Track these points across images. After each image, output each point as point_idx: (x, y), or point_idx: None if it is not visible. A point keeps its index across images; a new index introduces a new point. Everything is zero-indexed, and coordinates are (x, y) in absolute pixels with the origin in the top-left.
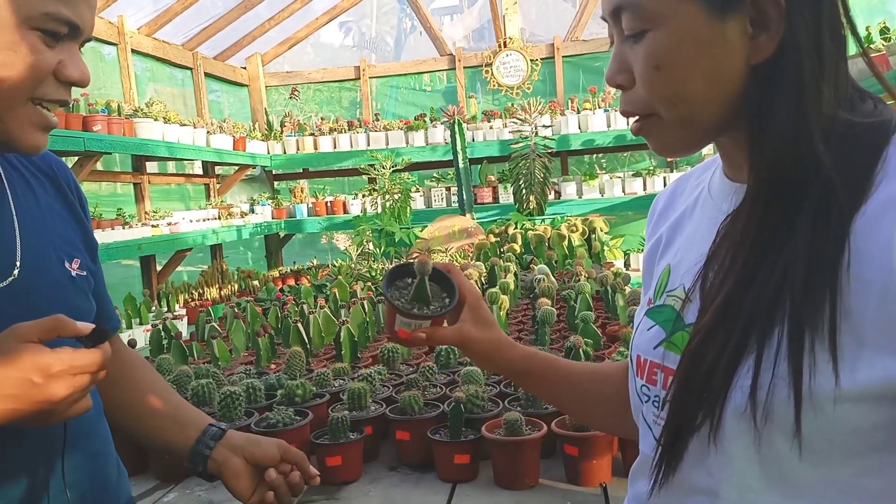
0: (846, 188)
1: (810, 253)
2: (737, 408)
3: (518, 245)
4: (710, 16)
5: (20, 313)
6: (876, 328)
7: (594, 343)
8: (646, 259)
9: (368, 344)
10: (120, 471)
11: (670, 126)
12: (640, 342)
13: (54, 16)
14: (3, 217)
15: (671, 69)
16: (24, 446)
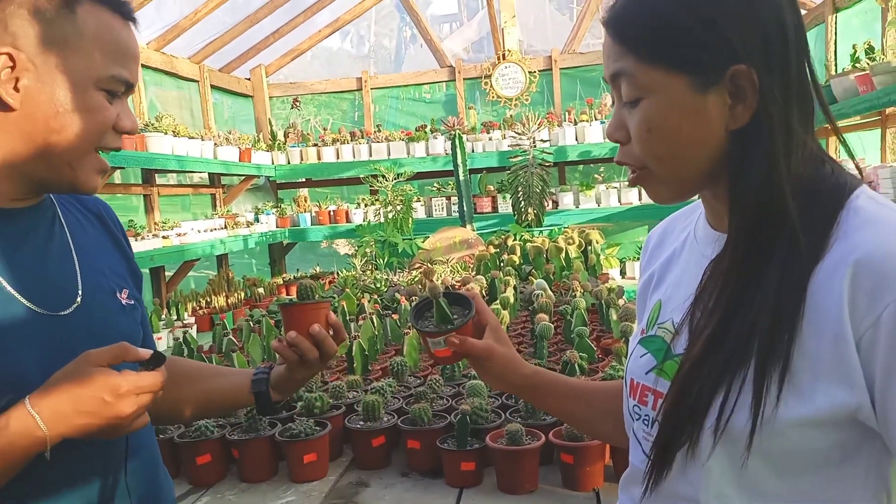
0: (807, 246)
1: (777, 301)
2: (710, 428)
3: (517, 256)
4: (694, 89)
5: (82, 337)
6: (830, 365)
7: (589, 357)
8: (640, 292)
9: (378, 356)
10: (166, 476)
11: (660, 179)
12: (633, 367)
13: (117, 77)
14: (65, 252)
15: (661, 133)
16: (94, 455)
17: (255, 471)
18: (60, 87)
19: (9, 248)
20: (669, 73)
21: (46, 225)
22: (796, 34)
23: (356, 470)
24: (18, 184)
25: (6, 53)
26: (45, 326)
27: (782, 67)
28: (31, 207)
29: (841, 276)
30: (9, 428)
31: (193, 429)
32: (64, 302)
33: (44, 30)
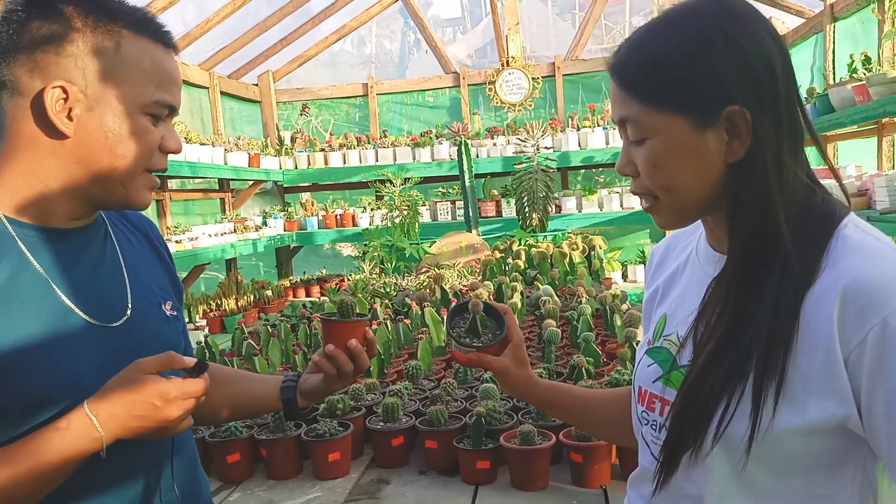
0: (800, 271)
1: (773, 321)
2: (713, 434)
3: (522, 261)
4: (693, 129)
5: (132, 347)
6: (820, 380)
7: (595, 361)
8: (646, 305)
9: (392, 360)
10: (203, 472)
11: (667, 207)
12: (641, 375)
13: (161, 102)
14: (115, 268)
15: (665, 168)
16: (144, 454)
17: (282, 468)
18: (109, 115)
19: (67, 264)
20: (671, 116)
21: (99, 242)
22: (784, 71)
23: (376, 468)
24: (75, 204)
25: (59, 87)
26: (99, 337)
27: (772, 104)
28: (86, 226)
29: (832, 300)
30: (70, 429)
31: (223, 429)
32: (115, 314)
33: (92, 63)
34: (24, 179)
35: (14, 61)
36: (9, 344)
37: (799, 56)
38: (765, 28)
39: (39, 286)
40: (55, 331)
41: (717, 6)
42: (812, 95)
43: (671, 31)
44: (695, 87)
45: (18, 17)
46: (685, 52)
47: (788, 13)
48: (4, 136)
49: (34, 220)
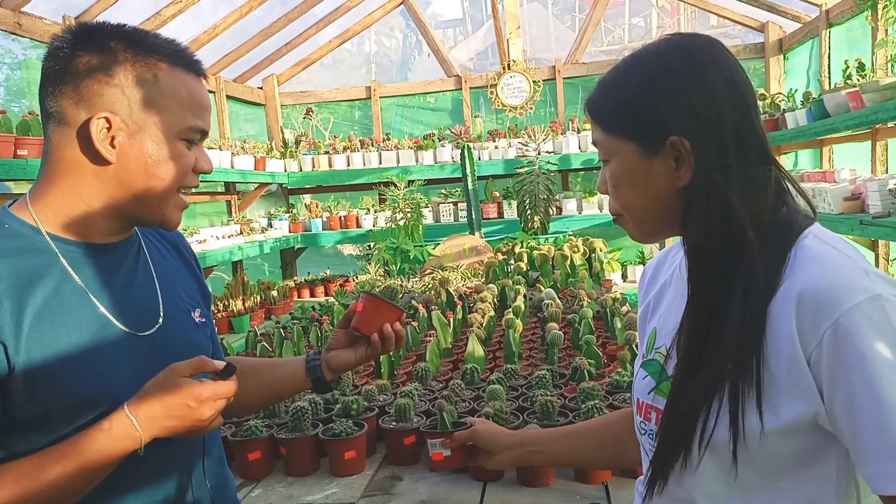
0: (764, 281)
1: (740, 329)
2: (700, 442)
3: (524, 263)
4: (641, 155)
5: (164, 353)
6: (788, 382)
7: (596, 363)
8: (640, 320)
9: (402, 361)
10: (229, 470)
11: (631, 223)
12: (638, 388)
13: (195, 128)
14: (148, 279)
15: (621, 188)
16: (179, 452)
17: (301, 466)
18: (149, 141)
19: (105, 277)
20: (623, 142)
21: (133, 256)
22: (732, 103)
23: (389, 465)
24: (114, 222)
25: (104, 117)
26: (133, 344)
27: (715, 135)
28: (122, 241)
29: (790, 306)
30: (112, 430)
31: (244, 428)
32: (149, 323)
33: (133, 94)
34: (68, 200)
35: (61, 94)
36: (54, 353)
37: (795, 60)
38: (716, 65)
39: (80, 298)
40: (94, 340)
41: (673, 48)
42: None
43: (630, 70)
44: (640, 118)
45: (65, 54)
46: (634, 89)
47: (785, 18)
48: (48, 161)
49: (75, 237)
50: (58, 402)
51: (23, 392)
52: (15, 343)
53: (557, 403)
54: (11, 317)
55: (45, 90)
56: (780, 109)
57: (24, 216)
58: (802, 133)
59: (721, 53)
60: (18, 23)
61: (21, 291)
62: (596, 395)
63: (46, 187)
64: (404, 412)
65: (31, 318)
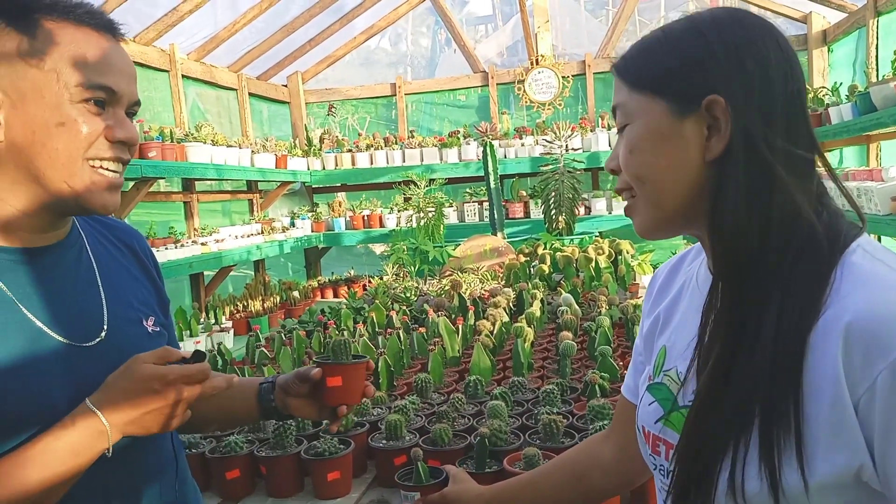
0: (802, 304)
1: (774, 361)
2: (722, 493)
3: (547, 266)
4: (671, 115)
5: (108, 365)
6: (828, 430)
7: (610, 377)
8: (646, 336)
9: (403, 371)
10: (195, 489)
11: (642, 204)
12: (643, 415)
13: (91, 85)
14: (91, 285)
15: (640, 154)
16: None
17: (282, 486)
18: (35, 109)
19: (36, 283)
20: (651, 98)
21: (72, 259)
22: (784, 73)
23: (378, 487)
24: (34, 216)
25: None
26: (72, 357)
27: (763, 102)
28: (57, 243)
29: (835, 339)
30: (75, 425)
31: (223, 444)
32: (90, 333)
33: (7, 59)
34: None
35: None
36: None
37: (840, 52)
38: (771, 38)
39: (6, 307)
40: (25, 353)
41: (727, 11)
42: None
43: (671, 26)
44: (676, 69)
45: None
46: (674, 41)
47: (829, 7)
48: None
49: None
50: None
51: None
52: None
53: (563, 423)
54: None
55: None
56: (824, 104)
57: None
58: (847, 129)
59: (779, 34)
60: None
61: None
62: (606, 415)
63: None
64: (395, 430)
65: None
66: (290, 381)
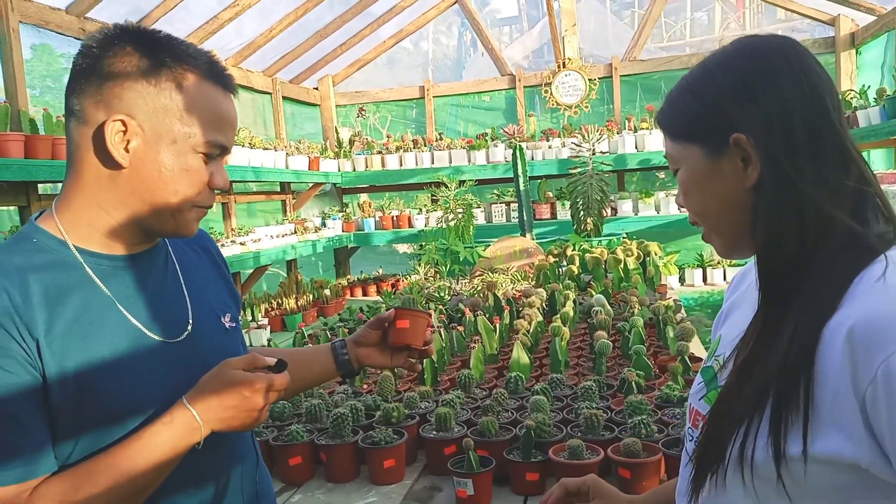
0: (820, 305)
1: (787, 353)
2: (734, 460)
3: (576, 267)
4: (708, 157)
5: (193, 360)
6: (829, 413)
7: (646, 374)
8: (714, 325)
9: (445, 367)
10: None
11: (710, 233)
12: (692, 393)
13: (215, 143)
14: (176, 286)
15: (692, 195)
16: (224, 451)
17: (340, 472)
18: (165, 151)
19: (133, 287)
20: (687, 146)
21: (161, 264)
22: (802, 97)
23: (429, 475)
24: (133, 232)
25: (120, 120)
26: (164, 353)
27: (784, 130)
28: (148, 250)
29: (841, 336)
30: (174, 422)
31: (286, 433)
32: (178, 330)
33: (153, 101)
34: (90, 210)
35: (83, 92)
36: (88, 365)
37: (869, 54)
38: (783, 61)
39: (110, 310)
40: (127, 350)
41: (736, 48)
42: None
43: (694, 74)
44: (700, 118)
45: (93, 53)
46: (696, 91)
47: (859, 10)
48: (72, 163)
49: (101, 249)
50: (96, 413)
51: (62, 405)
52: (49, 351)
53: (603, 417)
54: (44, 325)
55: (70, 86)
56: (852, 107)
57: (50, 229)
58: (875, 132)
59: (793, 50)
60: (83, 28)
61: (52, 305)
62: (644, 410)
63: (70, 195)
64: (445, 421)
65: (62, 331)
66: (362, 331)
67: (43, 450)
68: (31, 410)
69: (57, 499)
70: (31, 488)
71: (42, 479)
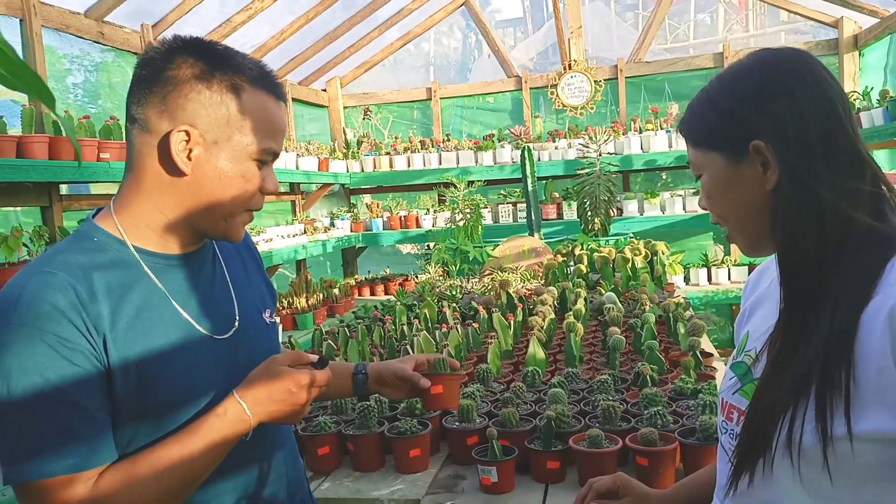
0: (855, 292)
1: (828, 339)
2: (781, 446)
3: (584, 266)
4: (728, 164)
5: (239, 355)
6: (873, 393)
7: (658, 368)
8: (737, 324)
9: (463, 362)
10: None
11: (733, 234)
12: (724, 388)
13: (269, 150)
14: (224, 284)
15: (715, 199)
16: (258, 444)
17: (367, 462)
18: (223, 158)
19: (186, 285)
20: (709, 154)
21: (209, 264)
22: (815, 104)
23: (452, 464)
24: (187, 233)
25: (185, 130)
26: (214, 348)
27: (798, 136)
28: (197, 250)
29: (882, 319)
30: (227, 414)
31: (314, 424)
32: (226, 326)
33: (214, 111)
34: (149, 212)
35: (147, 103)
36: (148, 358)
37: (872, 56)
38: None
39: (166, 307)
40: (181, 345)
41: (751, 60)
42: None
43: (713, 85)
44: (720, 127)
45: (156, 64)
46: (714, 101)
47: (862, 13)
48: (131, 167)
49: (156, 248)
50: (153, 403)
51: (124, 397)
52: (114, 345)
53: (620, 408)
54: (109, 320)
55: (132, 95)
56: (855, 108)
57: (109, 228)
58: (878, 133)
59: (804, 61)
60: (101, 32)
61: (114, 301)
62: (659, 401)
63: (129, 196)
64: (467, 413)
65: (125, 326)
66: (387, 376)
67: (105, 438)
68: (95, 401)
69: (119, 485)
70: (97, 475)
71: (105, 467)
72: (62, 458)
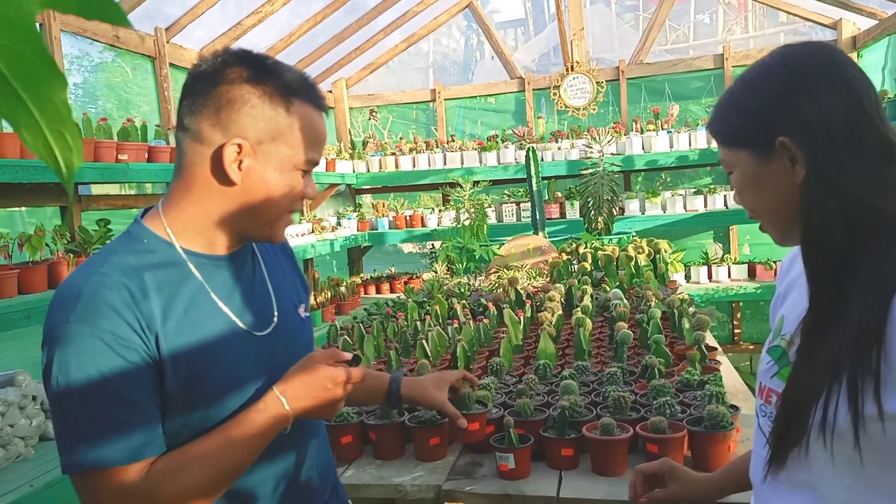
0: (887, 278)
1: (860, 322)
2: (816, 426)
3: (588, 264)
4: (758, 161)
5: (278, 350)
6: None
7: (665, 362)
8: (772, 308)
9: (476, 357)
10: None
11: (766, 226)
12: (761, 372)
13: (312, 161)
14: (263, 282)
15: (745, 195)
16: (295, 433)
17: (388, 450)
18: (271, 169)
19: (230, 285)
20: (738, 152)
21: (249, 262)
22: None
23: (470, 453)
24: (233, 237)
25: (237, 143)
26: (254, 344)
27: (823, 132)
28: (239, 251)
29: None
30: (267, 409)
31: (337, 415)
32: (266, 323)
33: (264, 124)
34: (197, 216)
35: (201, 115)
36: (197, 355)
37: (870, 58)
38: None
39: (212, 305)
40: (226, 341)
41: (775, 58)
42: (883, 99)
43: (738, 85)
44: (747, 125)
45: (209, 77)
46: (739, 100)
47: (860, 14)
48: (182, 174)
49: (202, 250)
50: (201, 396)
51: (174, 392)
52: (165, 342)
53: (630, 399)
54: (160, 318)
55: (184, 105)
56: None
57: (157, 229)
58: None
59: (826, 55)
60: (116, 35)
61: (165, 300)
62: (667, 392)
63: (178, 200)
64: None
65: (175, 324)
66: (420, 400)
67: (155, 431)
68: (146, 396)
69: (169, 474)
70: (149, 464)
71: (156, 458)
72: (117, 449)
